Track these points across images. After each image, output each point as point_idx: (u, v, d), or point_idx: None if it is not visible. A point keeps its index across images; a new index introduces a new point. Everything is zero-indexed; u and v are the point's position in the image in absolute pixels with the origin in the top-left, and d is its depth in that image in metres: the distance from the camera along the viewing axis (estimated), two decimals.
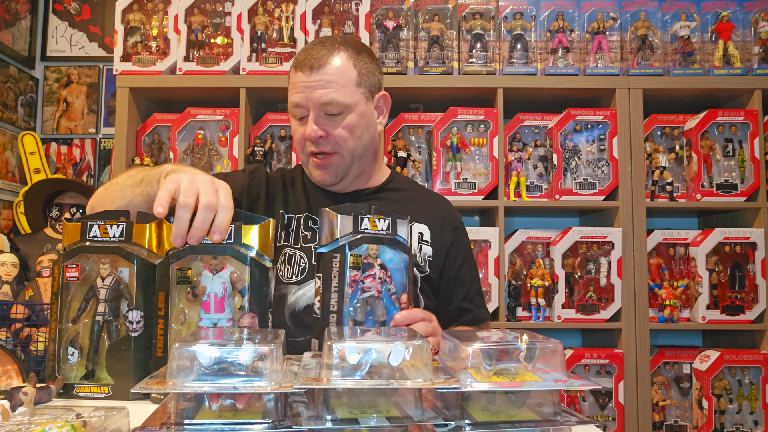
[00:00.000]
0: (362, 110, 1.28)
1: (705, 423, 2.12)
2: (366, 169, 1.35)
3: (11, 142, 2.62)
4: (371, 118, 1.31)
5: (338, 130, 1.25)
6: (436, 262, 1.32)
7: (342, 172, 1.30)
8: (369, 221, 0.97)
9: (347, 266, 0.94)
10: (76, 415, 0.68)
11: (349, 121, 1.25)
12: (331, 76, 1.23)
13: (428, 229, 1.33)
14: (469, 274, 1.38)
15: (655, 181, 2.27)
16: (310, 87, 1.23)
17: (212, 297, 0.94)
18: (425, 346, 0.68)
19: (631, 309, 2.17)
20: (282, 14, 2.32)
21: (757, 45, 2.29)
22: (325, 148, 1.26)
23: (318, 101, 1.23)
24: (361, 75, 1.28)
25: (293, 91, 1.27)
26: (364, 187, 1.38)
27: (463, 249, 1.39)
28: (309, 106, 1.24)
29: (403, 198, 1.38)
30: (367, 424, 0.65)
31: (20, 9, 2.69)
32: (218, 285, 0.95)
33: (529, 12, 2.33)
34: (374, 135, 1.33)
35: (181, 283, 0.95)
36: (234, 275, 0.95)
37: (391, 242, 0.98)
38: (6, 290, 1.89)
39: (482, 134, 2.27)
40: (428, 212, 1.36)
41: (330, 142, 1.26)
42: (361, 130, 1.28)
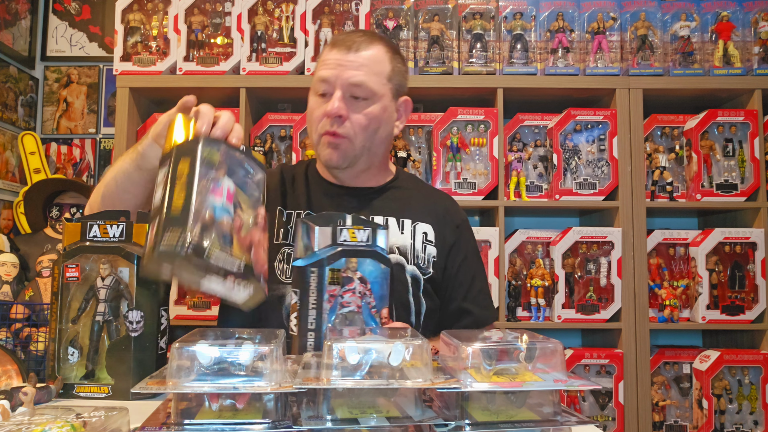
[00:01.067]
0: (386, 105, 1.27)
1: (705, 423, 2.12)
2: (373, 165, 1.34)
3: (11, 142, 2.62)
4: (391, 116, 1.30)
5: (358, 116, 1.23)
6: (439, 262, 1.31)
7: (350, 158, 1.27)
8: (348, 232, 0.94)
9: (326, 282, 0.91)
10: (76, 415, 0.68)
11: (371, 110, 1.24)
12: (366, 60, 1.23)
13: (432, 229, 1.31)
14: (470, 273, 1.35)
15: (655, 181, 2.27)
16: (343, 65, 1.22)
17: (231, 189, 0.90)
18: (425, 346, 0.68)
19: (631, 309, 2.17)
20: (282, 14, 2.32)
21: (757, 45, 2.29)
22: (340, 130, 1.23)
23: (348, 80, 1.22)
24: (393, 71, 1.28)
25: (323, 67, 1.25)
26: (368, 185, 1.36)
27: (465, 247, 1.36)
28: (337, 84, 1.22)
29: (407, 197, 1.37)
30: (367, 424, 0.65)
31: (20, 9, 2.69)
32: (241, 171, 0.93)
33: (529, 12, 2.33)
34: (390, 133, 1.33)
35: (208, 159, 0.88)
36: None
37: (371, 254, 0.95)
38: (6, 290, 1.89)
39: (482, 134, 2.27)
40: (432, 211, 1.34)
41: (346, 126, 1.24)
42: (379, 123, 1.26)
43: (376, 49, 1.25)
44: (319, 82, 1.25)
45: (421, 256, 1.29)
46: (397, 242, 1.28)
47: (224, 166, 0.89)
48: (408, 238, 1.29)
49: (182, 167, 0.85)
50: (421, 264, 1.28)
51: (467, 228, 1.40)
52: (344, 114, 1.22)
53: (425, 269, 1.28)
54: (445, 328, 1.30)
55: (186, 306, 2.23)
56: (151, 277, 0.94)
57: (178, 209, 0.80)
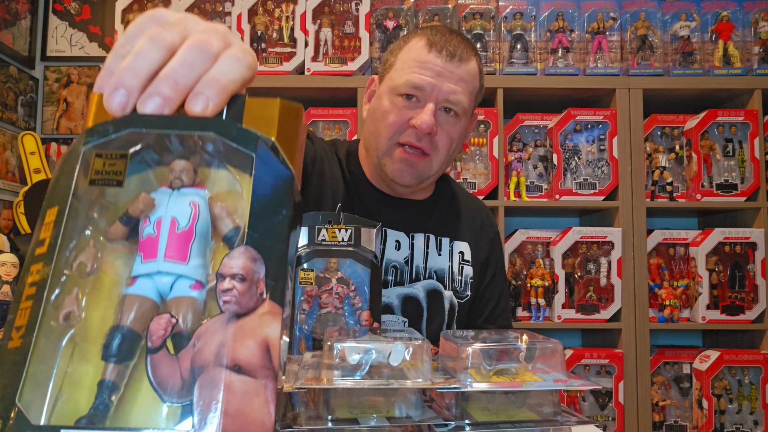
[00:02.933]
0: (466, 123, 1.17)
1: (705, 423, 2.12)
2: (432, 182, 1.25)
3: (11, 142, 2.62)
4: (467, 133, 1.20)
5: (445, 135, 1.12)
6: (475, 281, 1.23)
7: (423, 178, 1.15)
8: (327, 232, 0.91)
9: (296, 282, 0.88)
10: None
11: (457, 128, 1.13)
12: (465, 74, 1.11)
13: (468, 247, 1.23)
14: (498, 291, 1.27)
15: (655, 181, 2.27)
16: (444, 75, 1.09)
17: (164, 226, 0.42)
18: (425, 346, 0.68)
19: (631, 309, 2.17)
20: (282, 14, 2.32)
21: (757, 45, 2.29)
22: (424, 146, 1.11)
23: (446, 95, 1.09)
24: (480, 87, 1.18)
25: (420, 71, 1.09)
26: (415, 197, 1.24)
27: (496, 263, 1.28)
28: (432, 96, 1.09)
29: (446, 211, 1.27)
30: (367, 424, 0.65)
31: (20, 9, 2.69)
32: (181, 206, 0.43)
33: (529, 12, 2.33)
34: (460, 149, 1.26)
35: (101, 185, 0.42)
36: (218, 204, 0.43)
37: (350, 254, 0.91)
38: (6, 290, 1.89)
39: (482, 134, 2.27)
40: (469, 226, 1.26)
41: (432, 143, 1.11)
42: (457, 143, 1.16)
43: (474, 62, 1.14)
44: (412, 87, 1.10)
45: (458, 279, 1.21)
46: (435, 265, 1.19)
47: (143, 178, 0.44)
48: (446, 260, 1.20)
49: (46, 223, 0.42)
50: (458, 288, 1.21)
51: (499, 242, 1.33)
52: (434, 132, 1.10)
53: (462, 292, 1.21)
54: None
55: None
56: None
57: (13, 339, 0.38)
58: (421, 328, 1.17)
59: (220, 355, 0.37)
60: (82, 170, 0.42)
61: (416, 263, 1.17)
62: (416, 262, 1.17)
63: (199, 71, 0.43)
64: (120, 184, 0.42)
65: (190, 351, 0.38)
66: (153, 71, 0.42)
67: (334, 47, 2.30)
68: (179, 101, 0.42)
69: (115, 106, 0.42)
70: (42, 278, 0.40)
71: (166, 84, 0.42)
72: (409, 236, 1.19)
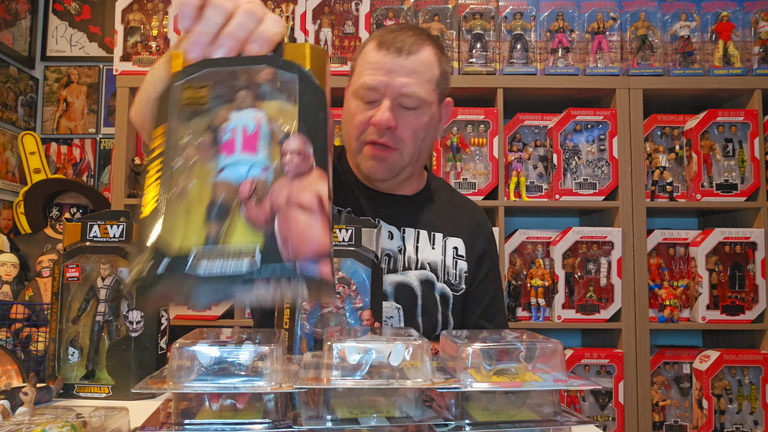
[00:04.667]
0: (433, 112, 1.19)
1: (705, 423, 2.12)
2: (414, 174, 1.28)
3: (11, 142, 2.62)
4: (436, 123, 1.23)
5: (407, 126, 1.15)
6: (470, 275, 1.26)
7: (396, 170, 1.20)
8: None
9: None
10: (76, 415, 0.68)
11: (419, 119, 1.16)
12: (418, 66, 1.13)
13: (462, 243, 1.26)
14: (492, 288, 1.30)
15: (655, 181, 2.27)
16: (394, 71, 1.12)
17: (238, 132, 0.60)
18: (425, 346, 0.68)
19: (631, 309, 2.17)
20: (282, 14, 2.32)
21: (757, 45, 2.29)
22: (388, 141, 1.15)
23: (399, 89, 1.12)
24: (442, 75, 1.19)
25: (370, 72, 1.14)
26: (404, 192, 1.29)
27: (490, 260, 1.31)
28: (386, 93, 1.13)
29: (440, 208, 1.31)
30: (367, 424, 0.65)
31: (20, 9, 2.69)
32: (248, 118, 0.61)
33: (529, 12, 2.33)
34: (434, 140, 1.27)
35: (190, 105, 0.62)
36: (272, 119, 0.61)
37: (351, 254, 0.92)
38: (6, 290, 1.89)
39: (482, 134, 2.27)
40: (464, 224, 1.29)
41: (395, 137, 1.15)
42: (426, 132, 1.19)
43: (426, 52, 1.15)
44: (366, 89, 1.14)
45: (452, 272, 1.24)
46: (427, 258, 1.22)
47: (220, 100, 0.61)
48: (439, 254, 1.24)
49: (156, 136, 0.61)
50: (452, 281, 1.23)
51: (494, 241, 1.36)
52: (394, 125, 1.13)
53: (457, 285, 1.24)
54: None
55: (186, 306, 2.23)
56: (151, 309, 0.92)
57: (146, 209, 0.58)
58: (416, 315, 1.19)
59: (290, 199, 0.56)
60: (177, 98, 0.62)
61: (408, 254, 1.21)
62: (408, 252, 1.21)
63: (250, 29, 0.62)
64: (203, 104, 0.62)
65: (268, 199, 0.56)
66: (217, 30, 0.62)
67: (334, 47, 2.30)
68: (238, 51, 0.62)
69: (193, 56, 0.62)
70: (159, 169, 0.60)
71: (228, 39, 0.62)
72: (401, 230, 1.23)
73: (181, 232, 0.56)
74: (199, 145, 0.60)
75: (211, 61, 0.63)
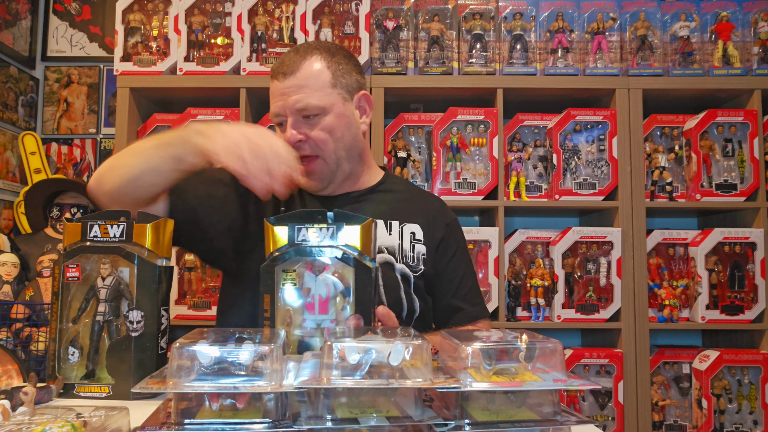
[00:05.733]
0: (340, 111, 1.27)
1: (704, 423, 2.12)
2: (354, 170, 1.34)
3: (12, 142, 2.62)
4: (351, 119, 1.30)
5: (316, 132, 1.25)
6: (429, 258, 1.32)
7: (328, 176, 1.29)
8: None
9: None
10: (76, 415, 0.68)
11: (326, 123, 1.25)
12: (303, 80, 1.24)
13: (420, 228, 1.33)
14: (461, 269, 1.36)
15: (654, 181, 2.27)
16: (285, 93, 1.24)
17: (317, 298, 0.92)
18: (425, 346, 0.68)
19: (631, 309, 2.17)
20: (282, 14, 2.32)
21: (757, 45, 2.29)
22: (306, 152, 1.25)
23: (293, 106, 1.24)
24: (336, 76, 1.28)
25: (272, 101, 1.28)
26: (354, 189, 1.36)
27: (455, 244, 1.38)
28: (285, 113, 1.25)
29: (395, 199, 1.38)
30: (367, 423, 0.65)
31: (20, 9, 2.69)
32: (322, 286, 0.92)
33: (528, 12, 2.33)
34: (357, 135, 1.32)
35: (287, 283, 0.92)
36: (336, 275, 0.93)
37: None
38: (6, 290, 1.89)
39: (482, 134, 2.28)
40: (420, 212, 1.36)
41: (310, 145, 1.25)
42: (341, 131, 1.27)
43: (310, 62, 1.26)
44: (274, 117, 1.28)
45: (409, 255, 1.30)
46: (385, 243, 1.29)
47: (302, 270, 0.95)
48: (396, 239, 1.31)
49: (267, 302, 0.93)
50: (410, 262, 1.30)
51: (457, 227, 1.42)
52: (302, 137, 1.24)
53: (415, 267, 1.30)
54: (438, 324, 1.31)
55: (186, 306, 2.23)
56: None
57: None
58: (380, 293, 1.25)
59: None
60: (279, 278, 0.92)
61: None
62: None
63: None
64: (296, 283, 0.92)
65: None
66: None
67: None
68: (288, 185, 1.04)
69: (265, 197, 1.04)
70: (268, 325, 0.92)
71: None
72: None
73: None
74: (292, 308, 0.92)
75: (299, 250, 0.92)
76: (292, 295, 0.93)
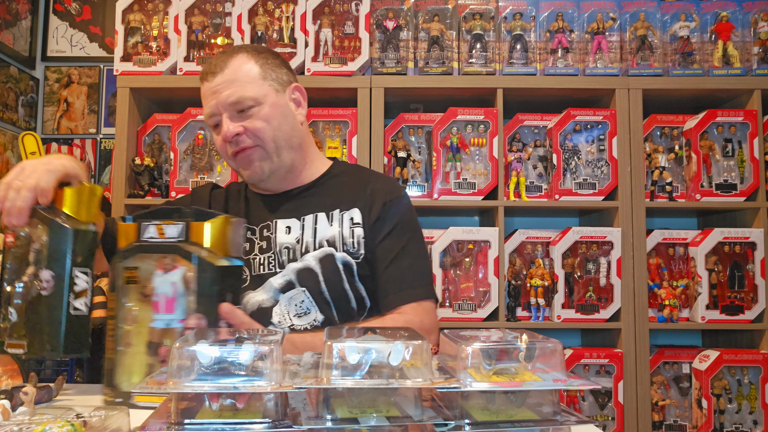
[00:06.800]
0: (273, 101, 1.30)
1: (704, 423, 2.12)
2: (295, 162, 1.34)
3: (12, 142, 2.62)
4: (286, 109, 1.33)
5: (253, 122, 1.26)
6: (368, 241, 1.29)
7: (268, 166, 1.30)
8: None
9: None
10: (76, 415, 0.68)
11: (262, 113, 1.27)
12: (233, 75, 1.27)
13: (359, 212, 1.31)
14: (397, 245, 1.29)
15: (654, 181, 2.27)
16: (217, 91, 1.26)
17: (162, 297, 0.92)
18: (425, 346, 0.68)
19: (631, 309, 2.17)
20: (282, 15, 2.32)
21: (757, 45, 2.29)
22: (245, 143, 1.27)
23: (226, 102, 1.26)
24: (264, 69, 1.30)
25: (204, 103, 1.30)
26: (298, 184, 1.37)
27: (392, 221, 1.31)
28: (220, 110, 1.27)
29: (338, 188, 1.37)
30: (367, 423, 0.65)
31: (21, 9, 2.70)
32: (168, 285, 0.92)
33: (528, 12, 2.33)
34: (294, 125, 1.33)
35: (129, 283, 0.93)
36: (188, 275, 0.93)
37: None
38: None
39: (482, 134, 2.28)
40: (360, 195, 1.33)
41: (249, 136, 1.27)
42: (278, 121, 1.29)
43: (237, 59, 1.29)
44: (208, 118, 1.30)
45: (349, 241, 1.28)
46: (325, 236, 1.29)
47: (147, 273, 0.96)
48: (336, 228, 1.30)
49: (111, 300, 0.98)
50: (350, 249, 1.28)
51: (398, 204, 1.34)
52: (240, 130, 1.26)
53: (356, 252, 1.28)
54: (376, 303, 1.29)
55: None
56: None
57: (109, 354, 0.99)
58: (322, 291, 1.25)
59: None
60: (120, 275, 0.95)
61: (306, 239, 1.29)
62: (306, 238, 1.30)
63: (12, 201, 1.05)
64: (136, 281, 0.94)
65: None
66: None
67: (334, 47, 2.30)
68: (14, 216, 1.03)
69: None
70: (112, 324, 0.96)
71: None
72: (300, 219, 1.32)
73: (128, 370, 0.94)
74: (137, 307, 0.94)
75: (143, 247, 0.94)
76: (135, 294, 0.93)
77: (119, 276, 0.94)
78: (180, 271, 0.93)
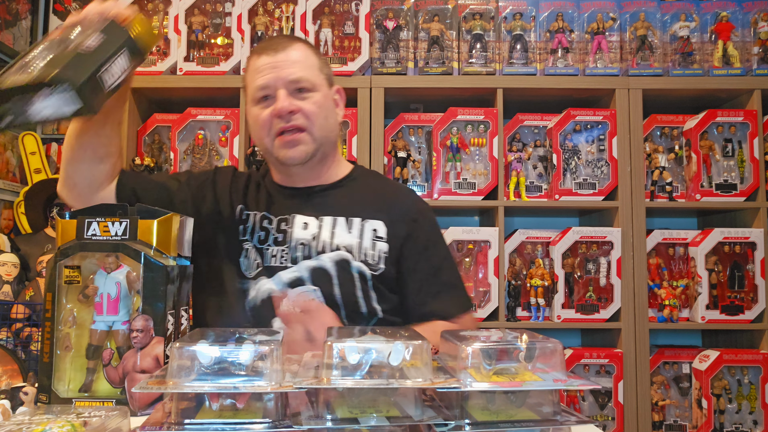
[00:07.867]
0: (326, 93, 1.33)
1: (704, 423, 2.12)
2: (327, 158, 1.35)
3: (12, 142, 2.62)
4: (332, 104, 1.36)
5: (309, 105, 1.27)
6: (392, 257, 1.28)
7: (310, 150, 1.29)
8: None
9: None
10: (76, 415, 0.68)
11: (316, 99, 1.28)
12: (297, 57, 1.28)
13: (383, 225, 1.30)
14: (429, 265, 1.31)
15: (654, 181, 2.27)
16: (278, 66, 1.26)
17: (105, 297, 0.89)
18: (425, 346, 0.68)
19: (631, 309, 2.17)
20: (282, 15, 2.32)
21: (757, 45, 2.29)
22: (296, 122, 1.26)
23: (287, 78, 1.26)
24: (321, 63, 1.34)
25: (258, 75, 1.28)
26: (320, 182, 1.36)
27: (423, 240, 1.32)
28: (278, 85, 1.26)
29: (359, 194, 1.36)
30: (367, 423, 0.65)
31: (21, 9, 2.69)
32: (112, 285, 0.89)
33: (528, 12, 2.33)
34: (336, 122, 1.36)
35: (69, 283, 0.89)
36: (132, 275, 0.90)
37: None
38: (6, 290, 1.89)
39: (482, 134, 2.28)
40: (385, 207, 1.33)
41: (301, 117, 1.27)
42: (326, 112, 1.31)
43: (300, 46, 1.32)
44: (259, 90, 1.28)
45: (370, 253, 1.27)
46: (343, 242, 1.27)
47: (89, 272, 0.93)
48: (355, 237, 1.28)
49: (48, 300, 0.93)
50: (369, 261, 1.26)
51: (427, 221, 1.36)
52: (295, 107, 1.26)
53: (375, 265, 1.26)
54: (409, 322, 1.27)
55: None
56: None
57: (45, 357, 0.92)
58: (334, 293, 1.24)
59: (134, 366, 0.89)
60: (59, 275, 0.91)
61: (323, 239, 1.28)
62: (323, 237, 1.28)
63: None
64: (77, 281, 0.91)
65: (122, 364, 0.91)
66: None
67: (334, 47, 2.30)
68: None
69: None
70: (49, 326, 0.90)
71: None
72: (319, 219, 1.30)
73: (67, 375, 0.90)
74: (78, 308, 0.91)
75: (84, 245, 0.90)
76: (76, 294, 0.90)
77: (58, 275, 0.90)
78: (124, 271, 0.90)
